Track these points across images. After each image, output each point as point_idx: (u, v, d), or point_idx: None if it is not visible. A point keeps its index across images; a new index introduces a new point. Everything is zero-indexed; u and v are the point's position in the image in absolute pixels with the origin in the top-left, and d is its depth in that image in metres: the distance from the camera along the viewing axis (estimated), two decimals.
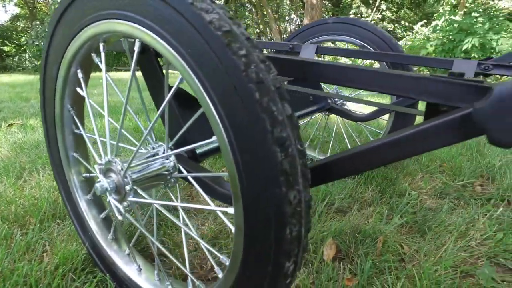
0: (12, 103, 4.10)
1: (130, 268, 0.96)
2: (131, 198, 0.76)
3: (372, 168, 0.61)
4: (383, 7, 14.87)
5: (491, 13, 8.52)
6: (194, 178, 0.78)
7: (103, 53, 0.76)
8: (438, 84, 0.56)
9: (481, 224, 1.29)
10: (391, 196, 1.55)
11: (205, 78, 0.52)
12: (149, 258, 1.06)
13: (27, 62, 14.27)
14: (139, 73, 0.96)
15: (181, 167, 0.81)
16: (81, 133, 0.93)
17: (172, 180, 0.83)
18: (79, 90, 0.88)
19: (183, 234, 0.86)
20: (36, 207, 1.30)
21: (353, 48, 1.74)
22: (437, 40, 8.36)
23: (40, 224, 1.21)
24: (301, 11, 16.70)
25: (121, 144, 0.85)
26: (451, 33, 8.08)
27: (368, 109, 1.75)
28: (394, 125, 1.66)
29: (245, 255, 0.58)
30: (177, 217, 1.30)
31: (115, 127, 2.67)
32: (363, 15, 15.20)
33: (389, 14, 15.61)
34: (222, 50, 0.49)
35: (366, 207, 1.46)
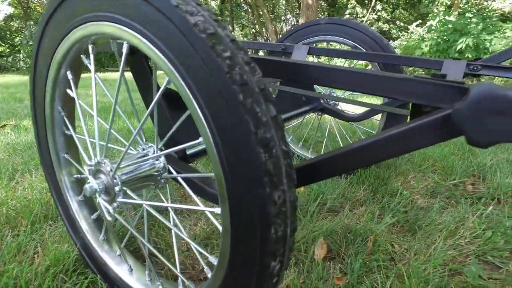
0: (6, 103, 4.08)
1: (121, 268, 0.96)
2: (121, 199, 0.76)
3: (358, 167, 0.62)
4: (378, 7, 14.94)
5: (485, 14, 8.59)
6: (184, 178, 0.79)
7: (92, 55, 0.76)
8: (421, 85, 0.57)
9: (470, 223, 1.31)
10: (383, 195, 1.56)
11: (190, 80, 0.53)
12: (141, 258, 1.06)
13: (21, 63, 14.19)
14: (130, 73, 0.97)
15: (171, 167, 0.81)
16: (72, 134, 0.93)
17: (162, 180, 0.83)
18: (69, 92, 0.88)
19: (173, 235, 0.87)
20: (28, 208, 1.30)
21: (345, 48, 1.75)
22: (432, 40, 8.42)
23: (31, 226, 1.20)
24: (297, 11, 16.73)
25: (110, 145, 0.85)
26: (445, 34, 8.14)
27: (360, 110, 1.76)
28: (386, 125, 1.67)
29: (232, 255, 0.59)
30: (169, 217, 1.30)
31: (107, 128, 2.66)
32: (358, 15, 15.27)
33: (384, 14, 15.69)
34: (206, 52, 0.49)
35: (358, 206, 1.47)
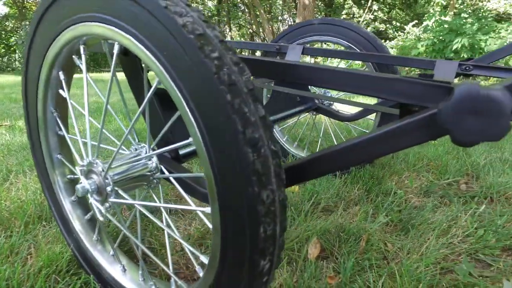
0: (1, 104, 4.06)
1: (115, 268, 0.96)
2: (113, 199, 0.76)
3: (348, 166, 0.62)
4: (375, 7, 14.99)
5: (480, 14, 8.65)
6: (177, 178, 0.79)
7: (83, 56, 0.76)
8: (409, 85, 0.57)
9: (463, 222, 1.32)
10: (377, 195, 1.57)
11: (179, 80, 0.53)
12: (135, 258, 1.07)
13: (16, 63, 14.13)
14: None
15: (163, 168, 0.82)
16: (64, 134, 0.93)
17: (155, 181, 0.83)
18: (61, 92, 0.88)
19: (166, 235, 0.87)
20: (22, 209, 1.30)
21: (339, 49, 1.76)
22: (428, 40, 8.47)
23: (25, 227, 1.20)
24: (293, 11, 16.75)
25: (104, 146, 0.85)
26: (441, 34, 8.19)
27: (355, 109, 1.76)
28: (380, 125, 1.68)
29: (222, 254, 0.59)
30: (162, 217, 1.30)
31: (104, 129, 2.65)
32: (355, 15, 15.31)
33: (381, 14, 15.74)
34: (194, 53, 0.49)
35: (352, 206, 1.47)
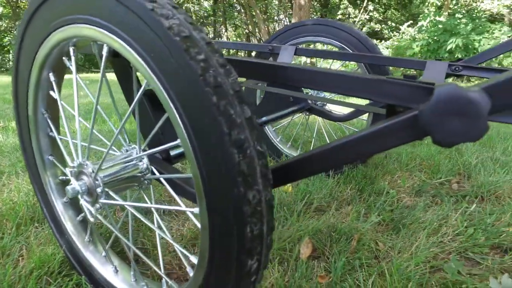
0: None
1: (107, 269, 0.96)
2: (103, 200, 0.77)
3: (335, 166, 0.63)
4: (370, 7, 15.06)
5: (474, 15, 8.72)
6: (167, 179, 0.79)
7: (73, 57, 0.77)
8: (393, 86, 0.58)
9: (453, 221, 1.33)
10: (370, 194, 1.58)
11: (166, 82, 0.54)
12: (127, 259, 1.07)
13: (10, 63, 14.01)
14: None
15: (154, 168, 0.82)
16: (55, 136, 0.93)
17: (146, 181, 0.83)
18: (52, 93, 0.88)
19: (157, 236, 0.87)
20: (14, 211, 1.29)
21: (331, 49, 1.77)
22: (423, 40, 8.53)
23: (17, 228, 1.20)
24: (289, 11, 16.78)
25: (93, 146, 0.85)
26: (435, 34, 8.25)
27: (348, 110, 1.77)
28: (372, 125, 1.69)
29: (210, 253, 0.60)
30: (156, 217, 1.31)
31: (96, 130, 2.64)
32: (350, 15, 15.38)
33: (376, 14, 15.82)
34: (180, 55, 0.50)
35: (345, 205, 1.48)
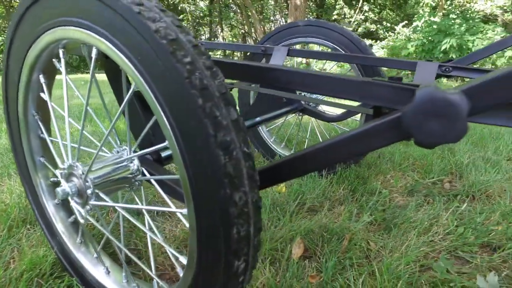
0: None
1: (98, 270, 0.96)
2: (93, 202, 0.77)
3: (323, 167, 0.64)
4: (365, 8, 15.12)
5: (468, 15, 8.79)
6: (158, 180, 0.80)
7: (63, 59, 0.77)
8: (379, 88, 0.59)
9: (444, 220, 1.34)
10: (363, 194, 1.59)
11: (153, 84, 0.54)
12: (119, 260, 1.07)
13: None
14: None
15: (145, 170, 0.82)
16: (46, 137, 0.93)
17: (137, 183, 0.84)
18: (42, 95, 0.88)
19: (148, 237, 0.87)
20: (6, 212, 1.29)
21: (323, 50, 1.78)
22: (418, 40, 8.58)
23: (8, 230, 1.19)
24: (285, 12, 16.82)
25: (83, 148, 0.85)
26: (430, 34, 8.31)
27: (340, 110, 1.78)
28: None
29: (199, 254, 0.60)
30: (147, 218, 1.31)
31: (90, 132, 2.63)
32: (346, 16, 15.43)
33: (371, 15, 15.88)
34: (167, 58, 0.50)
35: (338, 205, 1.49)
